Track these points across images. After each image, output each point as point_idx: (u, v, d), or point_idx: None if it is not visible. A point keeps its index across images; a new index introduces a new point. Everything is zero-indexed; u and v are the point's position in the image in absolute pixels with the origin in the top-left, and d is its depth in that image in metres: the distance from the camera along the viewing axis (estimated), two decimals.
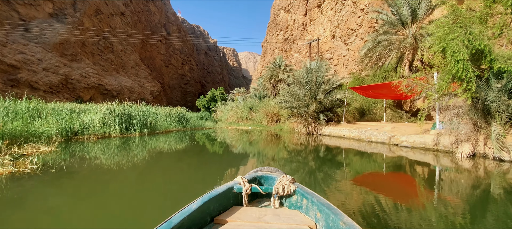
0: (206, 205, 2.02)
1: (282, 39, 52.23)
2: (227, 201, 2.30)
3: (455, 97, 7.14)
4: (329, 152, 10.12)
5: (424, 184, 4.93)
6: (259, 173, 2.77)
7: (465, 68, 5.66)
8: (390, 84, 10.33)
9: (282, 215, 2.12)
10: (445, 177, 5.41)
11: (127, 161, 6.76)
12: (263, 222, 1.97)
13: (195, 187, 4.67)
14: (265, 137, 14.84)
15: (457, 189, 4.52)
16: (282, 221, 2.01)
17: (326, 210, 1.94)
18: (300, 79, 13.82)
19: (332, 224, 1.82)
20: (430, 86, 7.51)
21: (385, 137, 10.26)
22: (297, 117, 14.56)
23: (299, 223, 2.00)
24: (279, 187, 2.40)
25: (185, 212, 1.81)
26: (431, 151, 8.35)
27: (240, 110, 26.15)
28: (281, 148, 11.44)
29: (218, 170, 6.33)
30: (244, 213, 2.15)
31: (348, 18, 32.72)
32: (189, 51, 79.60)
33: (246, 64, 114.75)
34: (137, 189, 4.47)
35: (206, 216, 2.02)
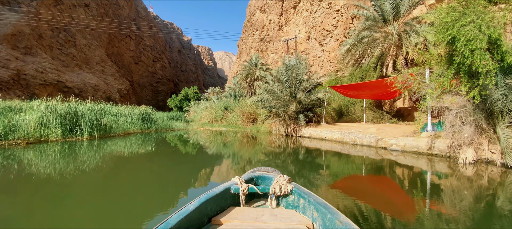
0: (203, 205, 1.99)
1: (258, 39, 51.17)
2: (225, 201, 2.27)
3: (457, 96, 6.24)
4: (310, 155, 9.00)
5: (433, 199, 3.81)
6: (256, 173, 2.75)
7: (483, 59, 4.67)
8: (383, 82, 9.41)
9: (279, 215, 2.11)
10: (456, 189, 4.35)
11: (38, 177, 4.93)
12: (260, 222, 1.96)
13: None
14: (240, 139, 13.40)
15: (478, 206, 3.43)
16: (279, 220, 2.00)
17: (323, 209, 1.93)
18: (279, 77, 12.58)
19: (329, 223, 1.82)
20: (428, 83, 6.54)
21: (372, 140, 9.29)
22: (276, 117, 13.30)
23: (296, 222, 1.99)
24: (276, 187, 2.39)
25: (183, 213, 1.79)
26: (424, 156, 7.45)
27: (214, 110, 24.42)
28: (257, 150, 10.11)
29: (170, 192, 4.76)
30: (241, 213, 2.14)
31: (324, 19, 32.42)
32: (161, 48, 75.66)
33: (221, 64, 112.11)
34: None
35: (203, 217, 1.99)
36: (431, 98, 6.16)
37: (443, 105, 6.62)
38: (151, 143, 10.59)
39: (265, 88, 12.77)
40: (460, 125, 5.95)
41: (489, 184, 4.70)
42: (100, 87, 53.39)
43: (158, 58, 73.52)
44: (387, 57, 11.35)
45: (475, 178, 5.14)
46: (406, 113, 13.86)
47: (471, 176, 5.25)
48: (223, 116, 22.54)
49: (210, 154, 9.13)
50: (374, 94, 11.88)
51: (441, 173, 5.66)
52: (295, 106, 11.76)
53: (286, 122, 12.80)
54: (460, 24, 5.02)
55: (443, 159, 6.94)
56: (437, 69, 6.72)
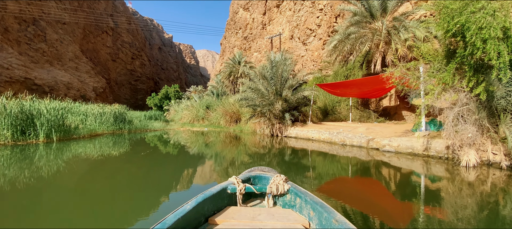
0: (200, 205, 1.98)
1: (241, 37, 50.35)
2: (221, 201, 2.26)
3: (458, 93, 5.71)
4: (296, 156, 8.35)
5: (441, 211, 3.15)
6: (253, 173, 2.73)
7: (496, 50, 4.08)
8: (379, 78, 8.85)
9: (276, 214, 2.10)
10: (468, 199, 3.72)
11: None
12: (257, 222, 1.95)
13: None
14: (223, 139, 12.48)
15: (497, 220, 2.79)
16: (276, 220, 1.99)
17: (319, 209, 1.93)
18: (264, 73, 11.77)
19: (325, 222, 1.81)
20: (428, 79, 5.97)
21: (363, 140, 8.71)
22: (260, 116, 12.49)
23: (293, 222, 1.98)
24: (273, 187, 2.38)
25: (179, 213, 1.77)
26: (420, 157, 6.93)
27: (195, 110, 23.23)
28: (241, 151, 9.31)
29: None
30: (238, 213, 2.12)
31: (307, 18, 32.14)
32: (140, 45, 72.61)
33: (204, 62, 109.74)
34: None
35: (200, 217, 1.98)
36: (432, 95, 5.57)
37: (443, 103, 6.09)
38: (119, 146, 9.41)
39: (249, 86, 11.93)
40: (463, 124, 5.41)
41: (505, 192, 4.13)
42: (74, 85, 50.13)
43: (137, 56, 70.51)
44: (375, 54, 10.87)
45: (484, 184, 4.57)
46: (392, 112, 13.54)
47: (479, 181, 4.69)
48: (204, 115, 21.45)
49: (189, 157, 8.15)
50: (363, 93, 11.38)
51: (443, 177, 5.07)
52: (281, 105, 11.01)
53: (271, 121, 12.03)
54: (469, 10, 4.43)
55: (441, 161, 6.42)
56: (434, 64, 6.18)
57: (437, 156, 6.63)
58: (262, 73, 11.76)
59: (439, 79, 5.73)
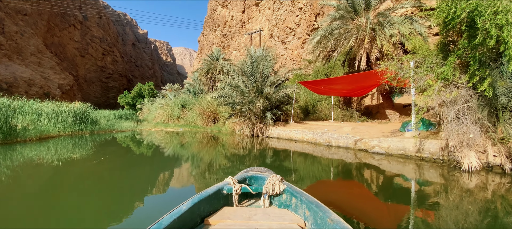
0: (196, 206, 1.96)
1: (220, 35, 49.16)
2: (218, 201, 2.24)
3: (458, 88, 5.19)
4: (278, 158, 7.70)
5: None
6: (249, 173, 2.73)
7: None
8: (373, 73, 8.27)
9: (272, 214, 2.09)
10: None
11: None
12: (253, 222, 1.94)
13: None
14: (199, 140, 11.44)
15: None
16: (272, 220, 1.98)
17: (314, 208, 1.93)
18: (244, 69, 10.86)
19: (321, 221, 1.81)
20: (424, 74, 5.40)
21: (349, 141, 8.10)
22: (240, 115, 11.56)
23: (289, 221, 1.97)
24: (269, 187, 2.36)
25: (175, 213, 1.76)
26: (412, 159, 6.40)
27: (170, 108, 21.75)
28: (219, 153, 8.40)
29: None
30: (234, 213, 2.11)
31: (286, 17, 31.77)
32: (112, 41, 68.44)
33: (181, 60, 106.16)
34: None
35: (196, 217, 1.97)
36: (432, 92, 4.99)
37: (435, 101, 5.55)
38: (71, 150, 8.03)
39: (228, 83, 10.94)
40: (465, 123, 4.88)
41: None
42: (36, 81, 45.90)
43: (108, 51, 66.38)
44: (360, 51, 10.39)
45: (499, 195, 4.02)
46: (374, 111, 13.23)
47: (492, 192, 4.13)
48: (180, 114, 20.09)
49: (159, 162, 7.03)
50: (347, 91, 10.87)
51: (446, 186, 4.48)
52: (262, 103, 10.17)
53: (252, 120, 11.16)
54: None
55: (436, 165, 5.91)
56: (430, 58, 5.63)
57: (431, 158, 6.13)
58: (241, 69, 10.84)
59: (438, 74, 5.16)
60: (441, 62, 5.43)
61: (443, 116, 5.29)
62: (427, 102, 5.05)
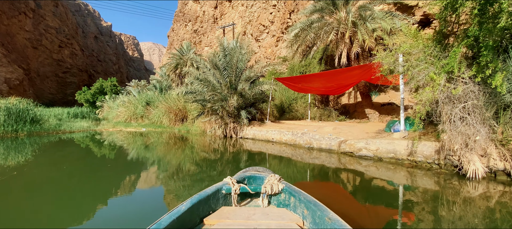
0: (195, 206, 1.96)
1: (191, 30, 47.03)
2: (216, 201, 2.24)
3: (464, 84, 4.54)
4: (253, 162, 6.90)
5: None
6: (247, 173, 2.71)
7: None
8: (368, 66, 7.50)
9: (271, 214, 2.09)
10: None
11: None
12: (252, 221, 1.93)
13: None
14: (165, 142, 10.04)
15: None
16: (271, 219, 1.98)
17: (312, 207, 1.92)
18: (216, 62, 9.62)
19: (319, 220, 1.81)
20: (424, 67, 4.69)
21: (333, 143, 7.31)
22: (211, 114, 10.32)
23: (287, 220, 1.97)
24: (267, 186, 2.35)
25: (174, 213, 1.75)
26: (404, 164, 5.74)
27: (133, 106, 19.66)
28: (187, 158, 7.25)
29: None
30: (233, 213, 2.10)
31: (260, 14, 31.00)
32: (70, 32, 62.23)
33: (150, 56, 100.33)
34: None
35: (195, 217, 1.97)
36: (437, 86, 4.27)
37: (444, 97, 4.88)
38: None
39: (197, 77, 9.61)
40: (473, 123, 4.22)
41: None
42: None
43: (66, 44, 60.26)
44: (340, 46, 9.72)
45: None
46: (351, 110, 12.77)
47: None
48: (144, 112, 18.18)
49: (111, 169, 5.57)
50: (326, 88, 10.16)
51: (457, 201, 3.75)
52: (236, 101, 9.04)
53: (225, 120, 9.98)
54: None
55: (433, 170, 5.28)
56: (427, 50, 4.94)
57: (425, 162, 5.50)
58: (213, 62, 9.58)
59: (441, 67, 4.46)
60: (441, 54, 4.75)
61: (443, 115, 4.60)
62: (430, 99, 4.31)
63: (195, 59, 10.64)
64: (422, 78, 4.55)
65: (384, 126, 8.96)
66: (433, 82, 4.39)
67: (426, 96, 4.29)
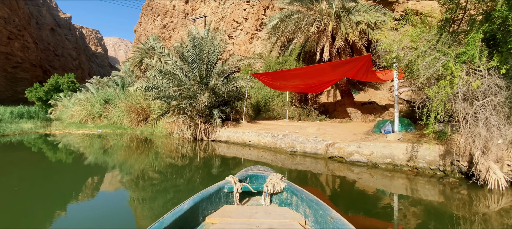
0: (197, 204, 1.96)
1: (159, 25, 44.38)
2: (219, 200, 2.23)
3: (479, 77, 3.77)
4: (227, 171, 5.59)
5: None
6: (249, 172, 2.68)
7: None
8: (358, 60, 6.57)
9: (273, 212, 2.07)
10: None
11: None
12: (254, 220, 1.91)
13: None
14: (123, 146, 8.54)
15: None
16: (273, 218, 1.96)
17: (315, 206, 1.92)
18: (183, 52, 8.22)
19: (321, 219, 1.80)
20: (436, 56, 3.86)
21: (319, 146, 6.37)
22: (178, 113, 8.90)
23: (289, 219, 1.95)
24: (269, 185, 2.34)
25: (177, 212, 1.74)
26: (403, 171, 4.94)
27: (90, 104, 17.32)
28: (147, 167, 5.94)
29: None
30: (235, 211, 2.08)
31: (233, 10, 29.82)
32: (22, 23, 55.41)
33: (115, 51, 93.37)
34: None
35: (197, 216, 1.96)
36: (457, 79, 3.43)
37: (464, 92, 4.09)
38: None
39: (161, 69, 8.10)
40: (496, 124, 3.45)
41: None
42: None
43: (16, 35, 53.54)
44: (322, 40, 8.88)
45: None
46: (331, 109, 12.09)
47: None
48: (102, 112, 16.02)
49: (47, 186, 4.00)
50: (308, 85, 9.27)
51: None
52: (208, 98, 7.74)
53: (194, 120, 8.62)
54: None
55: (436, 177, 4.53)
56: (432, 39, 4.13)
57: (428, 168, 4.74)
58: (180, 53, 8.15)
59: (457, 57, 3.65)
60: (451, 42, 3.95)
61: (459, 114, 3.80)
62: (448, 95, 3.46)
63: (159, 50, 9.10)
64: (434, 70, 3.69)
65: (369, 126, 8.28)
66: (449, 74, 3.56)
67: (444, 92, 3.43)
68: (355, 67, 6.85)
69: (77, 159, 6.80)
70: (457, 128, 3.93)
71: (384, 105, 10.47)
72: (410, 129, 6.20)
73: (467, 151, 3.95)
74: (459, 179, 4.35)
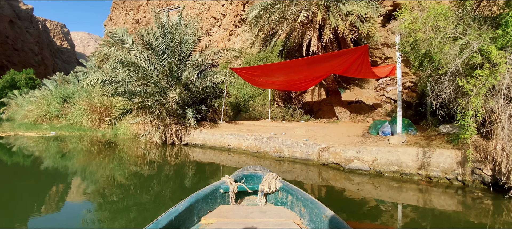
0: (193, 205, 1.94)
1: (132, 20, 41.55)
2: (214, 200, 2.21)
3: None
4: (202, 183, 4.52)
5: None
6: (245, 172, 2.65)
7: None
8: (354, 51, 5.64)
9: (268, 212, 2.05)
10: None
11: None
12: (249, 220, 1.90)
13: None
14: (79, 151, 7.08)
15: None
16: (268, 217, 1.95)
17: (310, 205, 1.91)
18: (150, 40, 6.87)
19: (316, 218, 1.80)
20: (468, 41, 3.02)
21: (311, 150, 5.41)
22: (145, 113, 7.54)
23: (285, 218, 1.94)
24: (265, 185, 2.33)
25: (173, 213, 1.72)
26: (413, 181, 4.12)
27: (46, 103, 15.18)
28: (103, 178, 4.67)
29: None
30: (231, 211, 2.07)
31: (211, 6, 28.43)
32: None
33: (84, 47, 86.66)
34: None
35: (193, 216, 1.93)
36: (503, 66, 2.60)
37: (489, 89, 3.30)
38: None
39: (121, 59, 6.67)
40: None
41: None
42: None
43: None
44: (309, 32, 7.98)
45: None
46: (315, 108, 11.31)
47: None
48: (61, 111, 14.02)
49: None
50: (294, 82, 8.33)
51: None
52: (179, 94, 6.48)
53: (164, 120, 7.31)
54: None
55: (452, 187, 3.75)
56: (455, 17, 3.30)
57: (443, 178, 3.95)
58: (146, 41, 6.79)
59: (489, 41, 2.83)
60: (474, 23, 3.14)
61: (487, 113, 3.00)
62: (492, 85, 2.62)
63: (120, 38, 7.65)
64: (467, 57, 2.84)
65: (361, 126, 7.52)
66: (486, 63, 2.72)
67: (487, 82, 2.58)
68: (348, 59, 6.00)
69: (6, 169, 5.27)
70: (485, 130, 3.12)
71: (371, 104, 9.84)
72: (411, 129, 5.45)
73: (498, 158, 3.16)
74: (481, 189, 3.61)
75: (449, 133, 4.78)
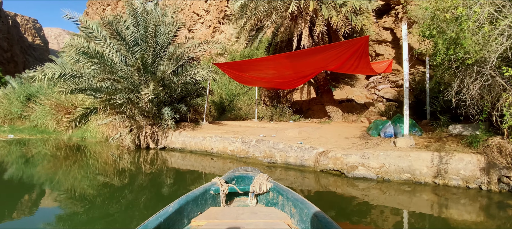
0: (183, 207, 1.88)
1: (110, 15, 39.21)
2: (205, 202, 2.16)
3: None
4: (184, 188, 3.67)
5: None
6: (236, 173, 2.59)
7: None
8: (351, 43, 4.95)
9: (259, 213, 2.02)
10: None
11: None
12: (240, 221, 1.87)
13: None
14: (49, 155, 6.03)
15: None
16: (259, 218, 1.92)
17: (300, 205, 1.90)
18: (119, 28, 5.87)
19: (306, 217, 1.80)
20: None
21: (308, 155, 4.70)
22: (115, 112, 6.53)
23: (275, 219, 1.93)
24: (256, 186, 2.26)
25: (162, 215, 1.66)
26: (427, 191, 3.50)
27: (7, 102, 13.53)
28: (65, 191, 3.68)
29: None
30: (221, 213, 2.03)
31: (194, 2, 27.26)
32: None
33: (58, 44, 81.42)
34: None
35: (183, 218, 1.88)
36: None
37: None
38: None
39: (83, 49, 5.61)
40: None
41: None
42: None
43: None
44: (299, 25, 7.30)
45: None
46: (305, 108, 10.69)
47: None
48: (24, 111, 12.51)
49: None
50: (284, 78, 7.59)
51: None
52: (154, 91, 5.54)
53: (137, 121, 6.33)
54: None
55: (480, 198, 3.16)
56: None
57: (464, 187, 3.37)
58: (114, 29, 5.76)
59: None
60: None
61: None
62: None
63: (87, 25, 6.59)
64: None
65: (356, 126, 6.92)
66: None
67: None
68: (346, 52, 5.36)
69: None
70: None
71: (363, 103, 9.35)
72: (415, 130, 4.89)
73: None
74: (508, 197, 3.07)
75: (461, 134, 4.25)
